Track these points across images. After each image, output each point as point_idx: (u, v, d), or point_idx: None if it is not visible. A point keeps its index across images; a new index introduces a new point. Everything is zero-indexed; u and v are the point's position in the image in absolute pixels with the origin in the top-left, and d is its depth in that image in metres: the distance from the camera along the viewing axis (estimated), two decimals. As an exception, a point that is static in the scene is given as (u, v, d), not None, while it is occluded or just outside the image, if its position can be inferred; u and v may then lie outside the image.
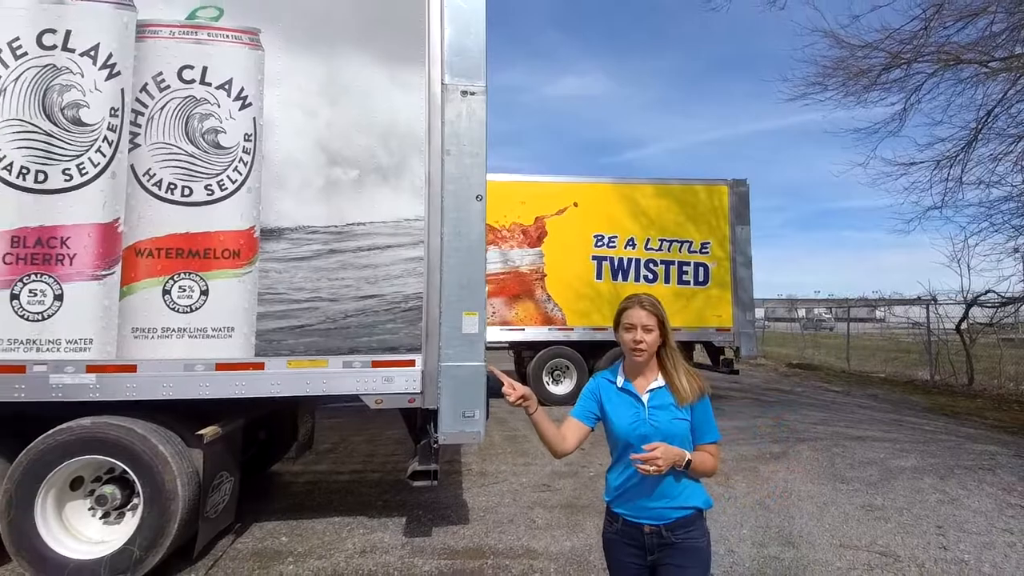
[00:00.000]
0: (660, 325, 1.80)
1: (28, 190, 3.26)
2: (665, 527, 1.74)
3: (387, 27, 3.74)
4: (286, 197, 3.57)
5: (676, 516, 1.75)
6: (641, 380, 1.84)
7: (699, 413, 1.79)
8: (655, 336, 1.79)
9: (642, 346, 1.78)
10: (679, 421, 1.76)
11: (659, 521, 1.75)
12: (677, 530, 1.74)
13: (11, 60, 3.31)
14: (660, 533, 1.74)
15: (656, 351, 1.83)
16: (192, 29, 3.51)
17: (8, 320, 3.19)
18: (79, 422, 3.25)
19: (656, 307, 1.81)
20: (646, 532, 1.75)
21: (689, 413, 1.78)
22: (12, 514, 3.13)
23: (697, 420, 1.79)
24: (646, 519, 1.76)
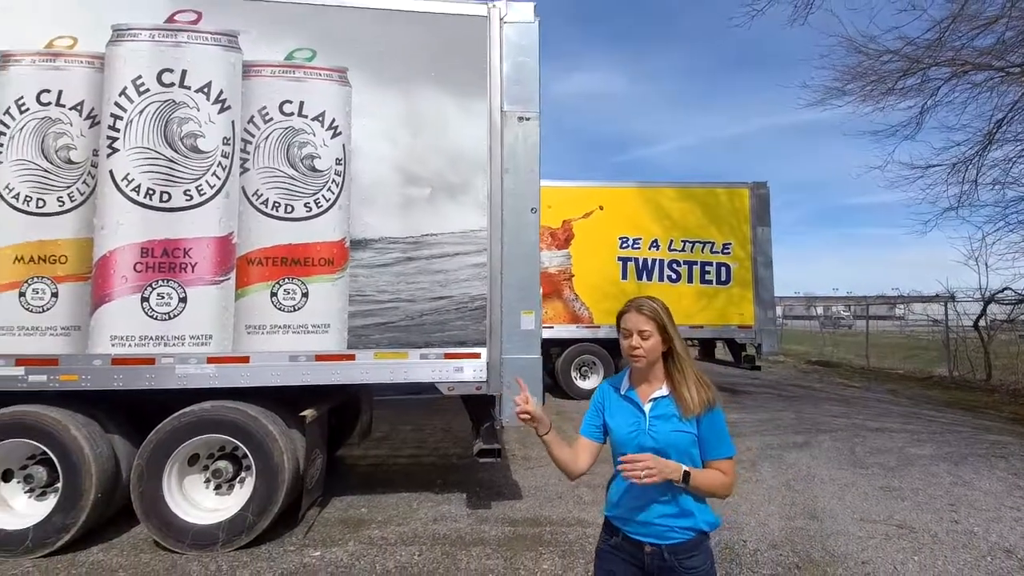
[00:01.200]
0: (660, 330, 1.68)
1: (154, 208, 3.81)
2: (667, 549, 1.62)
3: (455, 63, 4.24)
4: (371, 212, 4.09)
5: (679, 538, 1.62)
6: (645, 387, 1.73)
7: (707, 426, 1.65)
8: (654, 342, 1.68)
9: (639, 352, 1.68)
10: (680, 433, 1.63)
11: (660, 541, 1.63)
12: (680, 554, 1.62)
13: (135, 96, 3.86)
14: (662, 555, 1.62)
15: (663, 358, 1.71)
16: (290, 68, 4.04)
17: (140, 320, 3.75)
18: (201, 406, 3.80)
19: (656, 311, 1.69)
20: (647, 552, 1.64)
21: (695, 426, 1.64)
22: (143, 485, 3.68)
23: (704, 433, 1.65)
24: (647, 537, 1.64)
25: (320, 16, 4.10)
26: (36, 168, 3.73)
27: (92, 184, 3.75)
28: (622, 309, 1.77)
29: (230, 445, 3.91)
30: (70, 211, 3.73)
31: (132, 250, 3.75)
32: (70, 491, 3.58)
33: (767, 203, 10.76)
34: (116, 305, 3.71)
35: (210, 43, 3.93)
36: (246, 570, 3.40)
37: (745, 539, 3.85)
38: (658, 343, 1.68)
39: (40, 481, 3.71)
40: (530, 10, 4.36)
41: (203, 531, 3.68)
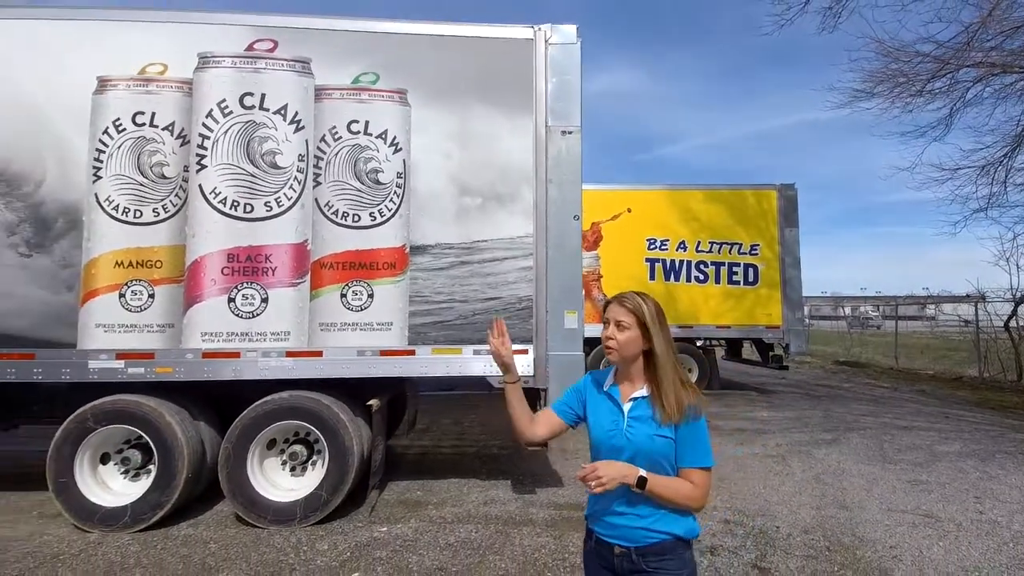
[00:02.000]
0: (640, 326, 1.60)
1: (239, 218, 4.23)
2: (636, 551, 1.54)
3: (503, 82, 4.57)
4: (428, 221, 4.45)
5: (648, 540, 1.53)
6: (627, 386, 1.65)
7: (684, 433, 1.54)
8: (630, 336, 1.60)
9: (611, 343, 1.63)
10: (659, 439, 1.54)
11: (628, 543, 1.55)
12: (649, 557, 1.52)
13: (220, 117, 4.29)
14: (630, 557, 1.54)
15: (644, 357, 1.63)
16: (356, 91, 4.42)
17: (227, 318, 4.17)
18: (280, 395, 4.21)
19: (638, 306, 1.62)
20: (616, 554, 1.56)
21: (673, 430, 1.55)
22: (230, 467, 4.10)
23: (681, 438, 1.54)
24: (615, 538, 1.57)
25: (383, 43, 4.47)
26: (133, 182, 4.18)
27: (183, 197, 4.19)
28: (607, 300, 1.72)
29: (303, 430, 4.32)
30: (164, 221, 4.17)
31: (220, 256, 4.18)
32: (165, 472, 4.02)
33: (795, 204, 10.87)
34: (206, 305, 4.14)
35: (286, 69, 4.34)
36: (323, 543, 3.78)
37: (778, 525, 4.10)
38: (635, 338, 1.60)
39: (135, 463, 4.15)
40: (573, 32, 4.67)
41: (283, 508, 4.08)
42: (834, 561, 3.51)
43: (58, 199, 4.11)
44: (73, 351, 4.02)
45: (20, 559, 3.52)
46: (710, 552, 3.61)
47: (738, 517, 4.25)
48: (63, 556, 3.57)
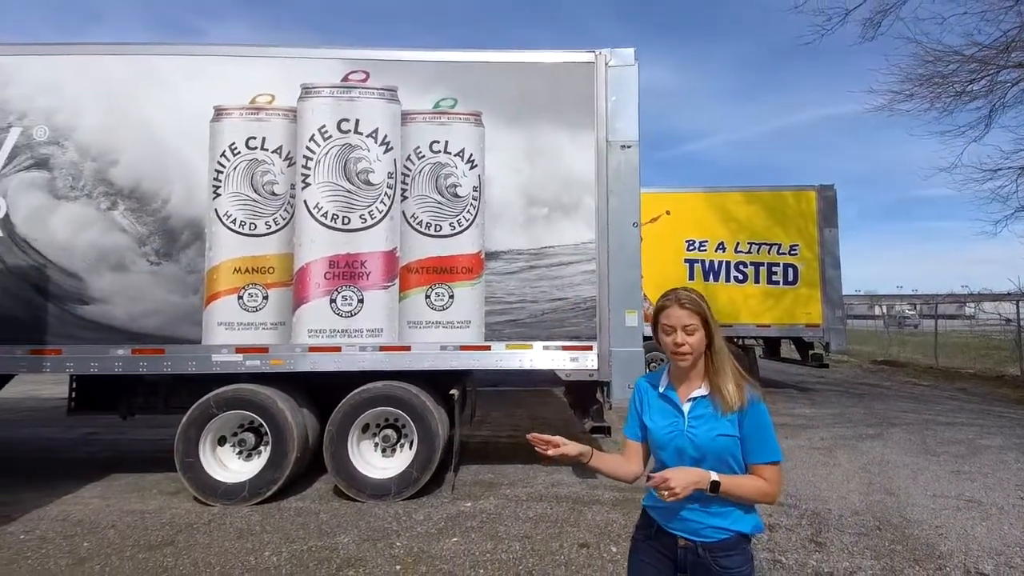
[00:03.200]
0: (704, 324, 1.57)
1: (338, 230, 4.75)
2: (701, 545, 1.54)
3: (567, 102, 4.98)
4: (500, 229, 4.89)
5: (715, 537, 1.54)
6: (685, 387, 1.63)
7: (749, 426, 1.54)
8: (699, 337, 1.57)
9: (684, 349, 1.57)
10: (723, 438, 1.53)
11: (695, 537, 1.55)
12: (716, 552, 1.53)
13: (321, 141, 4.81)
14: (696, 551, 1.55)
15: (701, 353, 1.60)
16: (437, 115, 4.90)
17: (329, 317, 4.69)
18: (375, 384, 4.71)
19: (697, 303, 1.58)
20: (681, 546, 1.57)
21: (736, 426, 1.54)
22: (334, 447, 4.62)
23: (747, 434, 1.53)
24: (682, 532, 1.57)
25: (460, 71, 4.94)
26: (248, 199, 4.73)
27: (291, 211, 4.73)
28: (660, 303, 1.62)
29: (393, 416, 4.81)
30: (275, 232, 4.72)
31: (322, 263, 4.70)
32: (278, 451, 4.55)
33: (834, 205, 10.96)
34: (312, 305, 4.67)
35: (377, 97, 4.84)
36: (419, 514, 4.26)
37: (830, 508, 4.40)
38: (703, 338, 1.57)
39: (248, 445, 4.71)
40: (631, 54, 5.05)
41: (379, 484, 4.58)
42: (884, 538, 3.81)
43: (183, 214, 4.69)
44: (199, 346, 4.60)
45: (160, 528, 4.08)
46: (769, 529, 3.95)
47: (791, 500, 4.57)
48: (196, 525, 4.12)
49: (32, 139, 4.67)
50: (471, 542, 3.73)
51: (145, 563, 3.45)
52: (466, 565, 3.39)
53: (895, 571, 3.31)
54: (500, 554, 3.55)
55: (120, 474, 5.41)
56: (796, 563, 3.41)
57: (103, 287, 4.58)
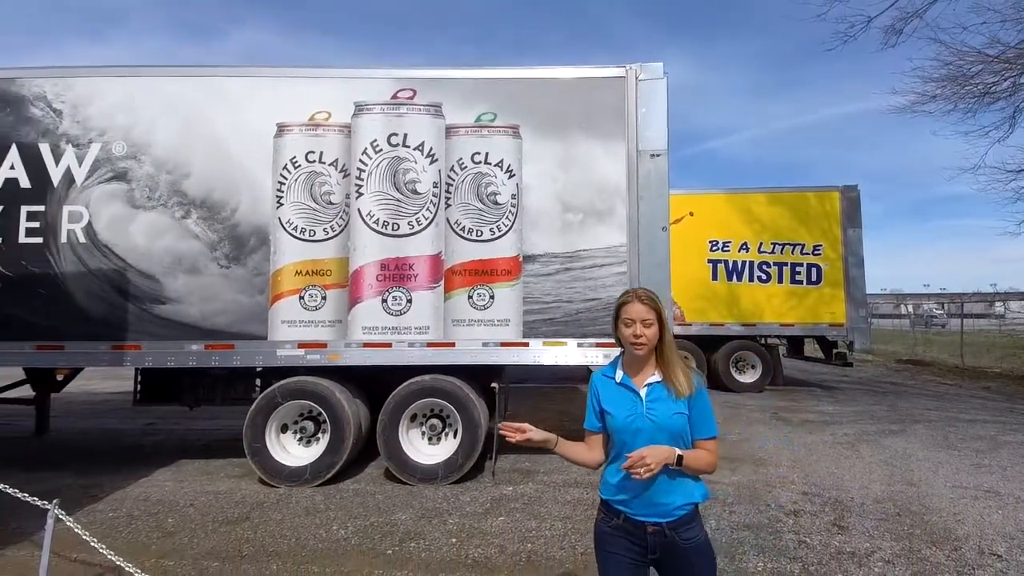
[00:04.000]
0: (659, 319, 1.76)
1: (389, 235, 5.12)
2: (668, 525, 1.71)
3: (600, 114, 5.27)
4: (537, 234, 5.21)
5: (677, 514, 1.71)
6: (640, 375, 1.79)
7: (697, 407, 1.75)
8: (654, 330, 1.75)
9: (642, 340, 1.74)
10: (678, 416, 1.72)
11: (663, 519, 1.71)
12: (680, 528, 1.71)
13: (373, 154, 5.19)
14: (663, 532, 1.71)
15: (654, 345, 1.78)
16: (478, 128, 5.24)
17: (381, 315, 5.07)
18: (422, 377, 5.07)
19: (654, 301, 1.78)
20: (650, 531, 1.72)
21: (687, 407, 1.73)
22: (386, 434, 5.00)
23: (695, 415, 1.74)
24: (650, 517, 1.72)
25: (499, 87, 5.27)
26: (308, 208, 5.13)
27: (346, 219, 5.11)
28: (621, 300, 1.82)
29: (438, 407, 5.17)
30: (332, 238, 5.11)
31: (375, 266, 5.08)
32: (336, 438, 4.95)
33: (857, 205, 11.04)
34: (365, 305, 5.05)
35: (423, 113, 5.20)
36: (465, 496, 4.61)
37: (852, 496, 4.63)
38: (657, 332, 1.76)
39: (308, 432, 5.11)
40: (660, 68, 5.32)
41: (428, 469, 4.95)
42: (903, 523, 4.04)
43: (250, 222, 5.11)
44: (264, 342, 5.01)
45: (233, 506, 4.50)
46: (794, 515, 4.20)
47: (815, 490, 4.80)
48: (266, 503, 4.53)
49: (111, 154, 5.14)
50: (516, 521, 4.07)
51: (227, 535, 3.86)
52: (515, 539, 3.72)
53: (913, 552, 3.54)
54: (545, 531, 3.87)
55: (186, 460, 5.87)
56: (820, 543, 3.66)
57: (178, 288, 5.03)
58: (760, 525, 3.97)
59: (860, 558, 3.44)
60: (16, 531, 3.89)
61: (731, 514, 4.19)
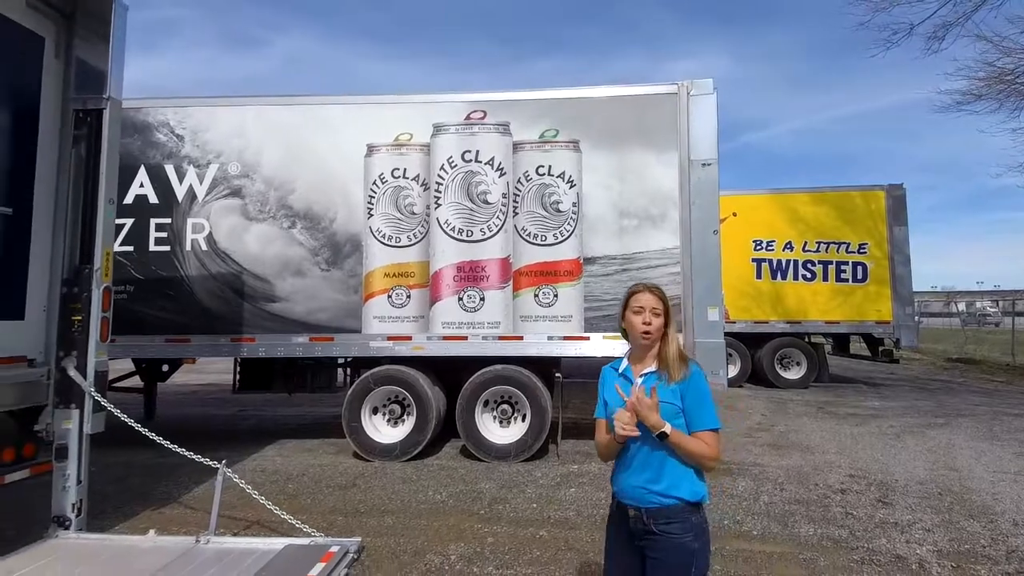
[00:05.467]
0: (665, 312, 1.79)
1: (463, 241, 5.70)
2: (646, 513, 1.68)
3: (654, 127, 5.71)
4: (596, 238, 5.70)
5: (657, 502, 1.67)
6: (639, 366, 1.83)
7: (691, 396, 1.71)
8: (661, 321, 1.78)
9: (651, 328, 1.77)
10: (665, 404, 1.68)
11: (640, 503, 1.69)
12: (659, 519, 1.66)
13: (449, 169, 5.78)
14: (642, 519, 1.68)
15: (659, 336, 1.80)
16: (542, 144, 5.76)
17: (457, 312, 5.65)
18: (494, 367, 5.63)
19: (663, 293, 1.82)
20: (631, 516, 1.72)
21: (679, 399, 1.71)
22: (464, 417, 5.58)
23: (689, 404, 1.70)
24: (629, 500, 1.73)
25: (561, 105, 5.78)
26: (393, 218, 5.77)
27: (426, 227, 5.73)
28: (631, 290, 1.86)
29: (508, 394, 5.72)
30: (415, 244, 5.74)
31: (452, 268, 5.68)
32: (420, 419, 5.57)
33: (903, 204, 11.04)
34: (444, 303, 5.65)
35: (492, 131, 5.77)
36: (537, 472, 5.14)
37: (896, 479, 4.93)
38: (663, 324, 1.79)
39: (396, 414, 5.75)
40: (710, 84, 5.71)
41: (501, 448, 5.51)
42: (944, 499, 4.34)
43: (346, 230, 5.79)
44: (359, 335, 5.68)
45: (339, 475, 5.15)
46: (841, 492, 4.55)
47: (860, 472, 5.12)
48: (365, 475, 5.17)
49: (227, 173, 5.91)
50: (586, 492, 4.57)
51: (342, 497, 4.51)
52: (588, 506, 4.23)
53: (951, 523, 3.87)
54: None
55: (284, 439, 6.62)
56: (865, 515, 4.03)
57: (286, 288, 5.75)
58: (810, 500, 4.35)
59: (902, 527, 3.79)
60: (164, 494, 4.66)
61: (782, 491, 4.58)
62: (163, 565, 3.04)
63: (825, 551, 3.41)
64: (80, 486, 3.54)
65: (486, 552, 3.40)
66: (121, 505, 4.33)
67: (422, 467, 5.35)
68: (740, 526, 3.81)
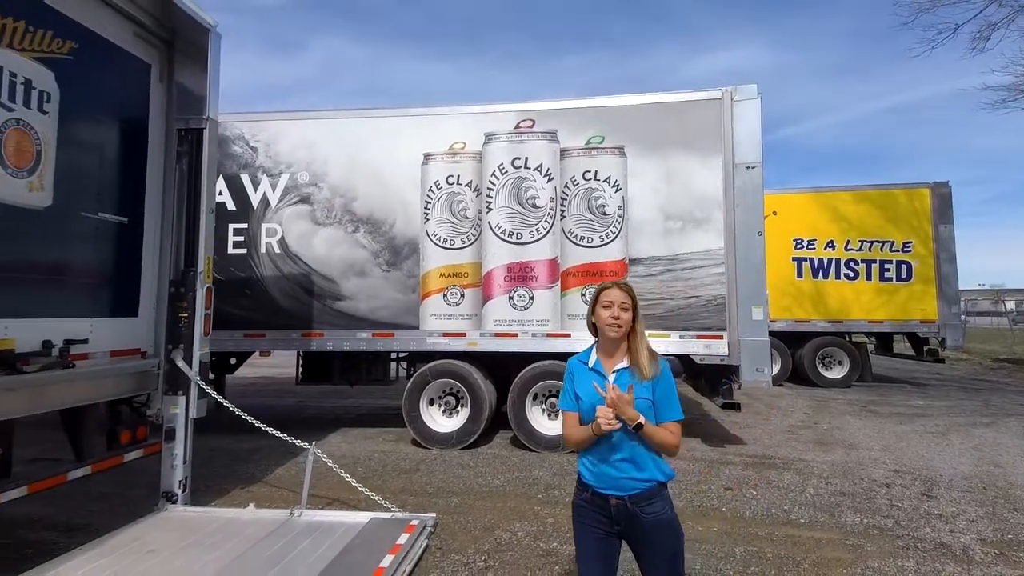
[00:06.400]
0: (633, 307, 1.89)
1: (513, 243, 5.98)
2: (629, 499, 1.79)
3: (698, 132, 5.85)
4: (641, 240, 5.88)
5: (639, 488, 1.79)
6: (610, 361, 1.89)
7: (661, 390, 1.82)
8: (629, 316, 1.87)
9: (618, 322, 1.86)
10: (639, 400, 1.78)
11: (622, 492, 1.80)
12: (641, 503, 1.78)
13: (499, 175, 6.06)
14: (625, 505, 1.79)
15: (626, 333, 1.88)
16: (588, 150, 5.98)
17: (508, 310, 5.93)
18: (541, 363, 5.88)
19: (631, 290, 1.91)
20: (613, 504, 1.81)
21: (651, 391, 1.81)
22: (515, 409, 5.85)
23: (659, 397, 1.81)
24: (611, 490, 1.81)
25: (607, 113, 5.98)
26: (448, 222, 6.09)
27: (479, 230, 6.02)
28: (601, 286, 1.95)
29: (556, 388, 5.96)
30: (468, 247, 6.04)
31: (502, 269, 5.96)
32: (475, 410, 5.87)
33: (949, 202, 10.78)
34: (495, 302, 5.94)
35: (540, 139, 6.02)
36: (586, 462, 5.37)
37: (941, 474, 4.97)
38: (631, 319, 1.88)
39: (451, 406, 6.06)
40: (754, 90, 5.81)
41: (551, 439, 5.76)
42: (988, 494, 4.38)
43: (404, 234, 6.14)
44: (417, 331, 6.03)
45: (402, 460, 5.49)
46: (886, 486, 4.63)
47: (905, 468, 5.17)
48: (426, 460, 5.50)
49: (297, 182, 6.34)
50: (635, 481, 4.78)
51: (408, 480, 4.85)
52: (638, 493, 4.44)
53: (995, 515, 3.92)
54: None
55: (345, 428, 7.03)
56: (910, 507, 4.11)
57: (351, 288, 6.14)
58: (855, 493, 4.45)
59: (947, 518, 3.88)
60: (247, 474, 5.09)
61: (827, 484, 4.69)
62: (267, 533, 3.43)
63: (871, 538, 3.54)
64: (186, 465, 3.96)
65: (548, 530, 3.66)
66: (211, 484, 4.76)
67: (477, 455, 5.65)
68: (787, 515, 3.96)
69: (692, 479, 4.88)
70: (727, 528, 3.71)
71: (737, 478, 4.87)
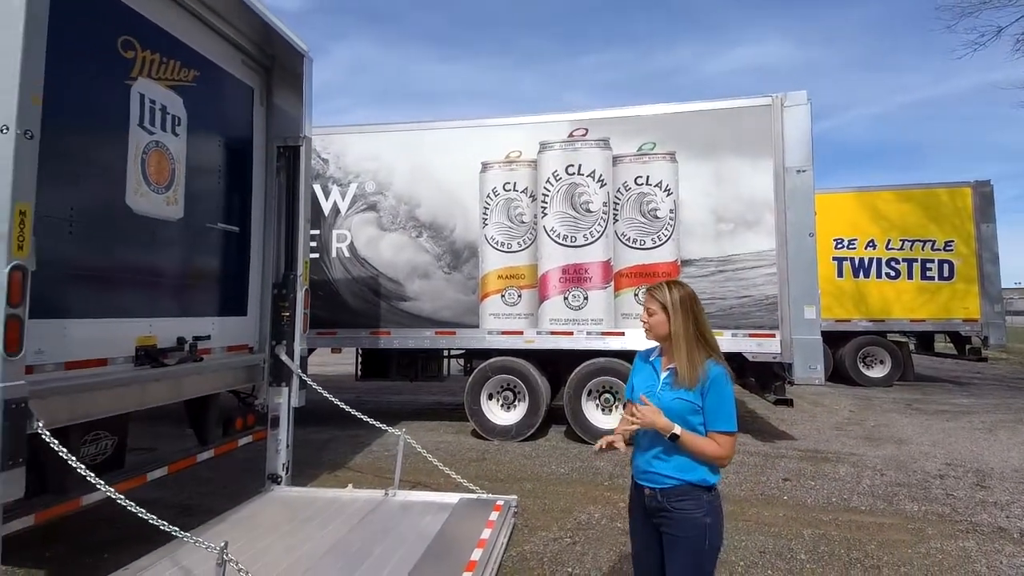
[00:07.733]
0: (663, 310, 1.87)
1: (568, 246, 6.24)
2: (660, 492, 1.79)
3: (749, 137, 6.02)
4: (693, 242, 6.08)
5: (667, 484, 1.78)
6: (666, 359, 1.93)
7: (711, 397, 1.78)
8: (658, 319, 1.88)
9: (646, 325, 1.94)
10: (680, 401, 1.78)
11: (652, 484, 1.81)
12: (671, 497, 1.77)
13: (554, 182, 6.33)
14: (656, 497, 1.80)
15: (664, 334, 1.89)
16: (640, 156, 6.21)
17: (563, 310, 6.20)
18: (596, 360, 6.13)
19: (663, 296, 1.88)
20: (646, 495, 1.84)
21: (699, 397, 1.78)
22: (572, 404, 6.12)
23: (708, 404, 1.78)
24: (645, 482, 1.85)
25: (659, 120, 6.21)
26: (505, 226, 6.39)
27: (534, 234, 6.31)
28: (651, 286, 2.01)
29: (609, 384, 6.20)
30: (524, 250, 6.34)
31: (557, 271, 6.23)
32: (532, 404, 6.16)
33: (991, 200, 10.65)
34: (551, 302, 6.22)
35: (593, 147, 6.28)
36: (642, 453, 5.60)
37: (992, 467, 5.06)
38: (662, 321, 1.88)
39: (509, 400, 6.36)
40: (803, 96, 5.96)
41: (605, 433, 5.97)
42: (1046, 488, 4.48)
43: (464, 239, 6.48)
44: (477, 330, 6.35)
45: (467, 451, 5.79)
46: (939, 477, 4.76)
47: (956, 461, 5.26)
48: (490, 451, 5.80)
49: (365, 191, 6.73)
50: (693, 471, 4.99)
51: (479, 468, 5.16)
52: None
53: (1056, 507, 4.04)
54: (727, 478, 4.77)
55: (407, 421, 7.39)
56: (965, 496, 4.25)
57: (415, 289, 6.51)
58: (911, 483, 4.59)
59: (1001, 506, 4.01)
60: (330, 461, 5.47)
61: (882, 476, 4.83)
62: (368, 511, 3.77)
63: (931, 523, 3.71)
64: (288, 450, 4.34)
65: (623, 512, 3.90)
66: (302, 470, 5.15)
67: (537, 447, 5.93)
68: (847, 503, 4.14)
69: (750, 471, 5.07)
70: (792, 514, 3.92)
71: (794, 470, 5.05)
